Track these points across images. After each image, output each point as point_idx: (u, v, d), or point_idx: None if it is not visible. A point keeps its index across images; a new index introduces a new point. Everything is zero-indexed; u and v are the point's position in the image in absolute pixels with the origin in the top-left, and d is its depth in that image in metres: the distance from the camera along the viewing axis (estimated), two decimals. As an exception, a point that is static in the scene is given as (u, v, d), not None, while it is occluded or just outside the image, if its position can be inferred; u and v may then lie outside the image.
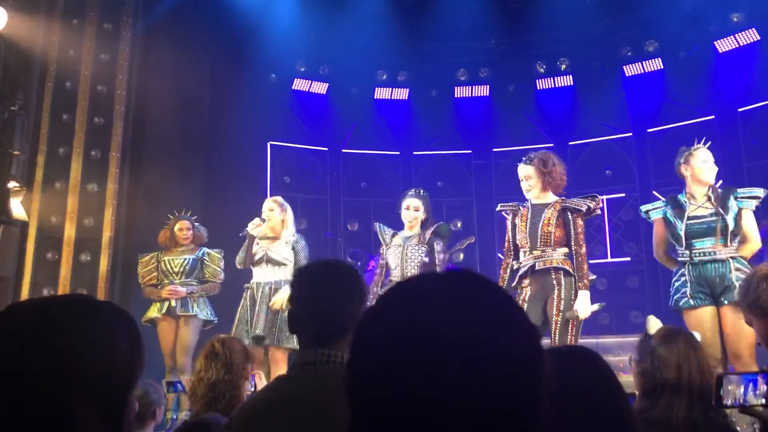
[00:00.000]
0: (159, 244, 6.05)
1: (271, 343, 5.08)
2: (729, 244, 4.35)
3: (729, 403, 1.94)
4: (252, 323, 5.17)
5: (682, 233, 4.45)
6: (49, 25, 6.93)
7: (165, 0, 7.69)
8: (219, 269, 6.01)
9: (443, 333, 0.77)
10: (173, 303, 5.77)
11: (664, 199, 4.83)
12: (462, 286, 0.83)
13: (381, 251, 5.28)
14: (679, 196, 4.59)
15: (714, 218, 4.38)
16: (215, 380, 2.93)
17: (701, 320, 4.28)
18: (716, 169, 4.56)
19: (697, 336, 2.51)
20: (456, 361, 0.76)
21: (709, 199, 4.45)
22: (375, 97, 9.97)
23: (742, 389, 1.93)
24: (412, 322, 0.78)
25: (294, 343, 5.02)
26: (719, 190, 4.50)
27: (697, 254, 4.38)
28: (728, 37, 8.41)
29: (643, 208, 4.84)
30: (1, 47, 6.16)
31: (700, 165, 4.51)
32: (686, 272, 4.42)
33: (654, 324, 2.52)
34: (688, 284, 4.39)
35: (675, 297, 4.46)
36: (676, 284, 4.48)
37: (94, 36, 7.18)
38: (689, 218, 4.45)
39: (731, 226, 4.34)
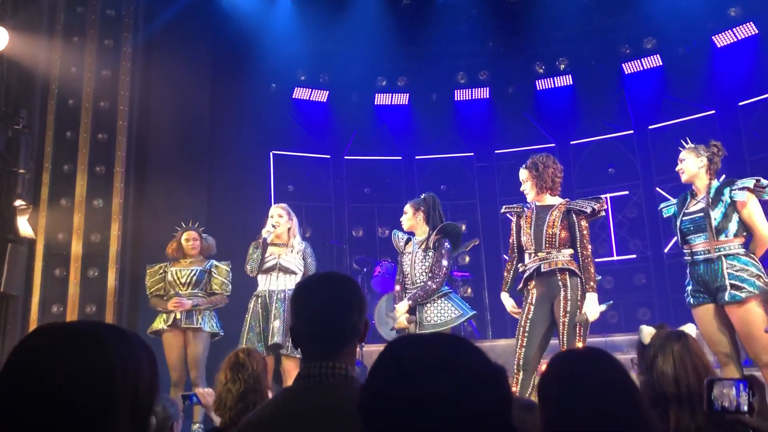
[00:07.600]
0: (167, 255, 6.05)
1: (287, 351, 5.06)
2: (716, 240, 4.15)
3: (723, 406, 1.90)
4: (268, 332, 5.12)
5: (677, 230, 4.40)
6: (50, 43, 6.97)
7: (164, 13, 7.72)
8: (227, 281, 5.99)
9: (429, 395, 1.07)
10: (179, 315, 5.76)
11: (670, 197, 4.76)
12: (435, 351, 1.15)
13: (399, 259, 5.29)
14: (688, 192, 4.46)
15: (702, 214, 4.24)
16: (244, 390, 2.96)
17: (702, 318, 4.23)
18: (696, 164, 4.31)
19: (692, 330, 2.50)
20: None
21: (708, 193, 4.29)
22: (375, 103, 10.01)
23: (734, 392, 1.89)
24: (403, 386, 1.09)
25: None
26: (718, 183, 4.29)
27: (694, 252, 4.27)
28: (726, 32, 8.42)
29: (661, 205, 4.74)
30: (2, 67, 6.19)
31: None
32: (688, 270, 4.36)
33: (647, 333, 2.47)
34: (691, 283, 4.33)
35: (685, 295, 4.41)
36: (686, 282, 4.41)
37: (95, 52, 7.20)
38: (684, 214, 4.35)
39: (716, 221, 4.16)
